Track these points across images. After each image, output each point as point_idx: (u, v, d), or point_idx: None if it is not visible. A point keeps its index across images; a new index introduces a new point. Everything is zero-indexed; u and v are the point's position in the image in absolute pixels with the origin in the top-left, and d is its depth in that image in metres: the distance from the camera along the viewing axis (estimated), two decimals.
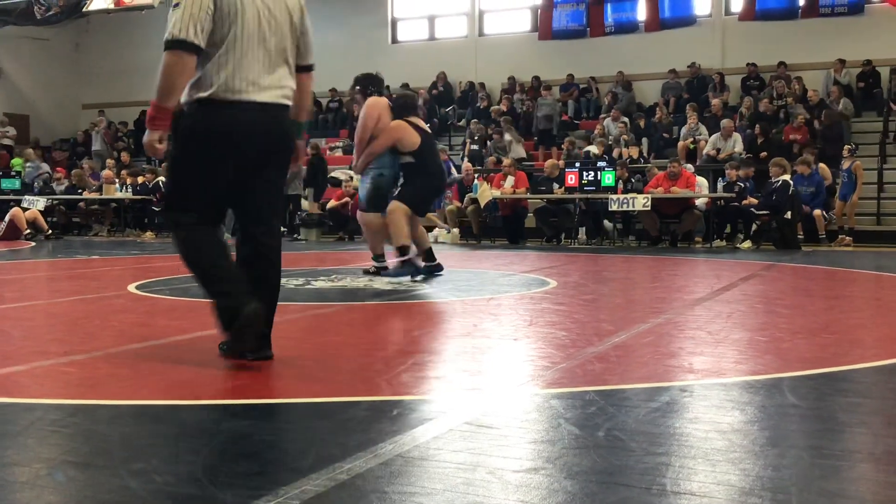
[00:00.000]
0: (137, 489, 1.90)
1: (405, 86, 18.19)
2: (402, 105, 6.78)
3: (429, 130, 6.87)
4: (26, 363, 3.44)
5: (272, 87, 3.31)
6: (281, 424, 2.55)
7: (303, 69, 3.49)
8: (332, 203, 14.05)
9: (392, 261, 6.82)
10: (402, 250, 6.50)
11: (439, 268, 6.78)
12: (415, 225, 6.73)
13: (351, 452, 2.15)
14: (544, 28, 18.05)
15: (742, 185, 12.05)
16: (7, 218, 13.73)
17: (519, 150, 15.60)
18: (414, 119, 6.72)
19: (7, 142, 19.43)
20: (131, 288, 6.26)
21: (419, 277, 6.58)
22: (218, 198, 3.38)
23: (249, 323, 3.22)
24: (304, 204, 14.70)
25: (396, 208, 6.51)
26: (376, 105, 6.66)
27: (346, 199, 13.78)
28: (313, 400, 2.83)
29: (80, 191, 15.87)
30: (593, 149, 14.55)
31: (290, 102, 3.40)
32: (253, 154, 3.32)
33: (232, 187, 3.37)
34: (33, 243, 12.93)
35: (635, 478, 1.98)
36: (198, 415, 2.66)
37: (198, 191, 3.34)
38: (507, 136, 15.65)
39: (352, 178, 14.55)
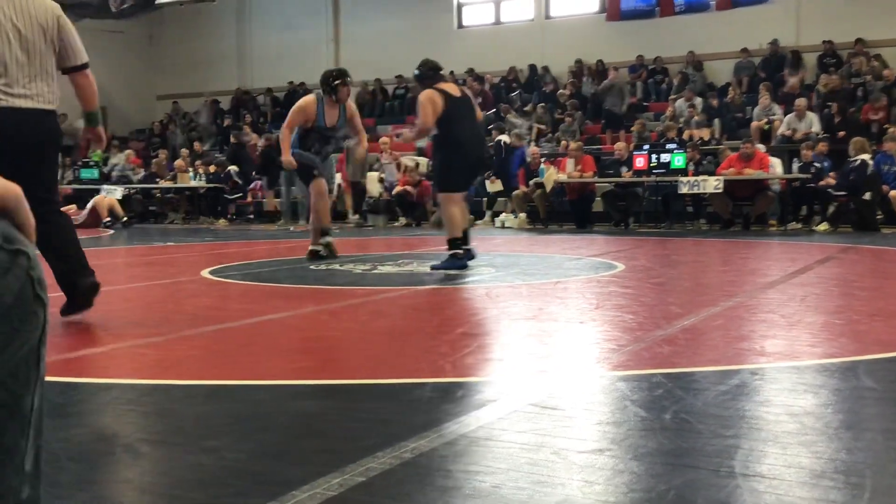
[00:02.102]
0: (210, 466, 1.96)
1: (470, 71, 18.16)
2: (431, 76, 6.45)
3: (458, 95, 6.46)
4: (105, 345, 3.56)
5: (28, 95, 3.77)
6: (347, 405, 2.58)
7: (71, 70, 3.94)
8: (397, 188, 14.16)
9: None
10: (452, 243, 6.33)
11: (470, 254, 6.45)
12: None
13: (416, 432, 2.17)
14: (612, 9, 17.77)
15: (819, 165, 11.70)
16: (90, 205, 14.20)
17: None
18: (444, 86, 6.42)
19: (91, 140, 20.00)
20: (205, 273, 6.41)
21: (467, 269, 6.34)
22: None
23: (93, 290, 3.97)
24: (372, 190, 14.83)
25: (445, 199, 6.39)
26: (301, 101, 6.99)
27: (408, 185, 13.91)
28: (379, 381, 2.86)
29: (157, 179, 16.30)
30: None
31: (50, 106, 3.87)
32: (17, 153, 3.75)
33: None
34: (112, 231, 13.33)
35: (703, 460, 1.95)
36: (268, 394, 2.72)
37: None
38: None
39: (417, 164, 14.65)
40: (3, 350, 0.76)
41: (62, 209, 13.64)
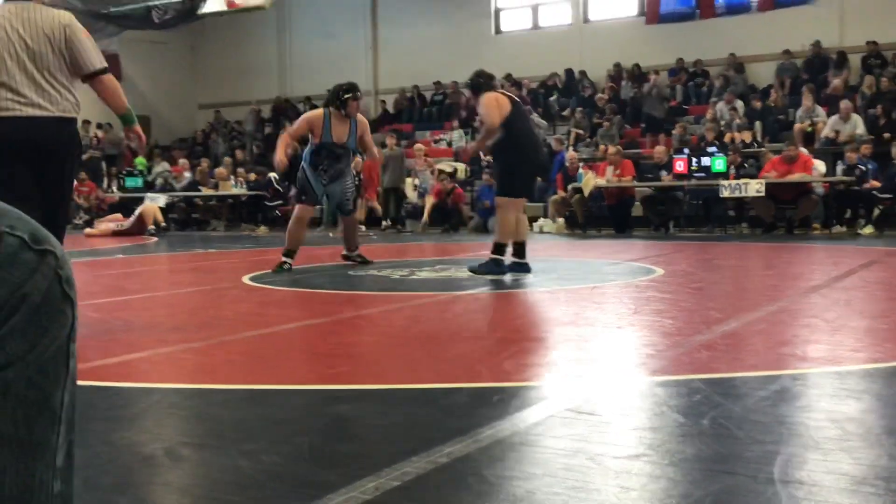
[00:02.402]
0: (247, 468, 1.98)
1: (508, 76, 18.17)
2: (487, 84, 6.40)
3: (517, 99, 6.51)
4: (147, 350, 3.62)
5: (36, 104, 3.81)
6: (383, 409, 2.59)
7: (88, 77, 3.96)
8: (432, 199, 14.23)
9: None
10: (498, 248, 6.23)
11: (526, 268, 6.35)
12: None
13: (451, 436, 2.17)
14: (651, 12, 17.63)
15: (863, 167, 11.50)
16: (137, 212, 14.52)
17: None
18: (500, 90, 6.46)
19: (132, 144, 20.38)
20: (245, 279, 6.48)
21: (506, 276, 6.20)
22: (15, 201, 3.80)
23: None
24: (409, 195, 14.89)
25: (505, 203, 6.22)
26: (308, 113, 7.03)
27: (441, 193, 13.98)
28: (415, 386, 2.87)
29: (199, 187, 16.55)
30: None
31: (66, 114, 3.90)
32: (33, 160, 3.81)
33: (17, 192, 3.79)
34: (156, 238, 13.54)
35: (741, 466, 1.93)
36: (305, 399, 2.74)
37: None
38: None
39: (455, 170, 14.67)
40: (32, 348, 0.79)
41: (110, 217, 13.90)
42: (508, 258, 6.34)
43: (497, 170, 6.42)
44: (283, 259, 6.92)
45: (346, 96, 6.82)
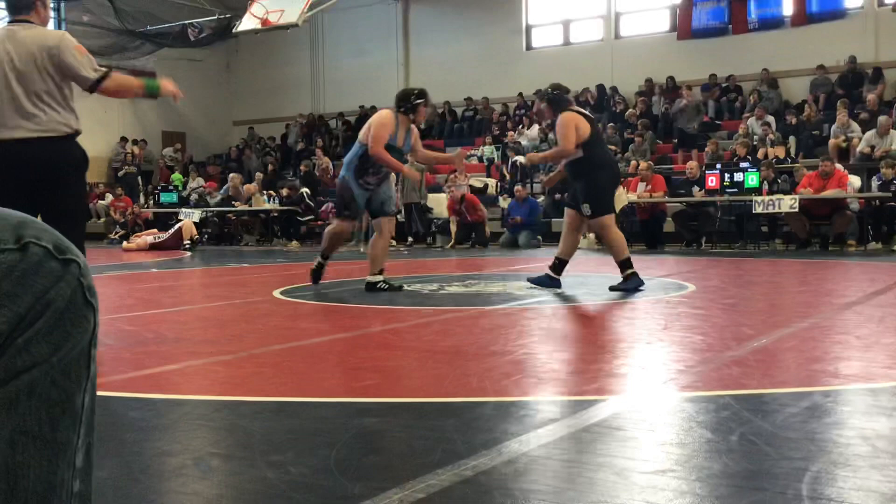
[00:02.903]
0: (274, 480, 2.00)
1: (539, 92, 18.16)
2: (565, 99, 6.50)
3: (592, 117, 6.57)
4: (179, 362, 3.67)
5: (22, 126, 3.74)
6: (409, 422, 2.60)
7: (89, 89, 3.89)
8: (453, 218, 14.29)
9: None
10: (625, 264, 6.22)
11: (557, 284, 6.37)
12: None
13: (476, 450, 2.18)
14: (683, 27, 17.57)
15: None
16: (177, 226, 14.80)
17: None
18: (576, 108, 6.51)
19: (171, 162, 20.75)
20: (276, 293, 6.54)
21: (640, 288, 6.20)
22: None
23: None
24: (438, 211, 14.93)
25: (606, 222, 6.23)
26: (381, 116, 6.54)
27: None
28: (441, 399, 2.88)
29: (234, 202, 16.73)
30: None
31: (52, 134, 3.79)
32: (18, 183, 3.76)
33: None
34: (190, 253, 13.70)
35: (769, 482, 1.91)
36: (332, 411, 2.76)
37: None
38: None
39: (486, 185, 14.67)
40: (56, 351, 0.82)
41: (146, 232, 14.11)
42: (563, 271, 6.37)
43: (585, 190, 6.28)
44: (319, 260, 6.91)
45: (418, 102, 6.59)
